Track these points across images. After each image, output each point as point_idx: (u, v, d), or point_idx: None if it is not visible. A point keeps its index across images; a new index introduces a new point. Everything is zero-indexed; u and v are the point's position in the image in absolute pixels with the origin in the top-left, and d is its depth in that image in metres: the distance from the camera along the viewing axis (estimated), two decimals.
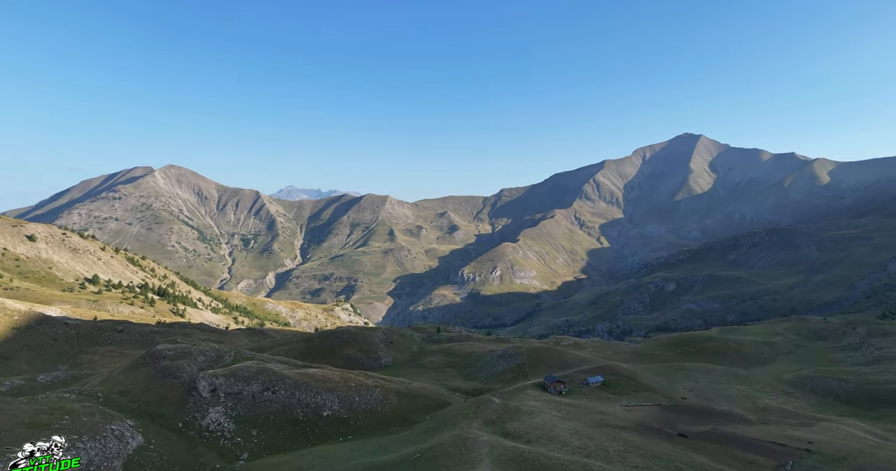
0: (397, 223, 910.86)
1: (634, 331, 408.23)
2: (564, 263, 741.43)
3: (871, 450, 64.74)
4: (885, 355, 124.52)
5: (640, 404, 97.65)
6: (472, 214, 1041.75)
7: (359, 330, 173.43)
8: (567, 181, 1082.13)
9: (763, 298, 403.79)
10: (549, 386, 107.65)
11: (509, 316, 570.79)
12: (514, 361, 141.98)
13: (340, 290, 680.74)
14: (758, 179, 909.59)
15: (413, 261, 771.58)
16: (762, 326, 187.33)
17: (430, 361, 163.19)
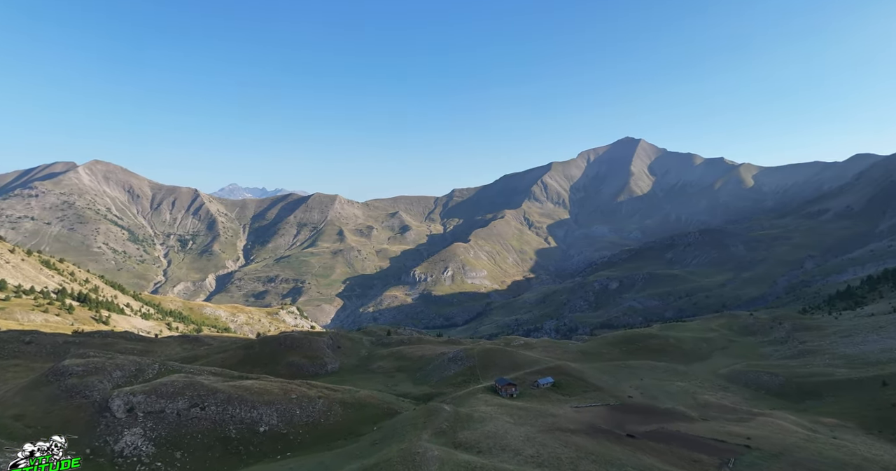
0: (347, 223, 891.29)
1: (580, 328, 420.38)
2: (514, 262, 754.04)
3: (804, 444, 67.19)
4: (807, 348, 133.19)
5: (589, 405, 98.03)
6: (423, 215, 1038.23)
7: (303, 335, 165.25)
8: (516, 182, 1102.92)
9: (697, 295, 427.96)
10: (500, 389, 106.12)
11: (461, 316, 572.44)
12: (465, 363, 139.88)
13: (286, 292, 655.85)
14: (691, 182, 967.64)
15: (363, 262, 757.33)
16: (698, 323, 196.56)
17: (380, 365, 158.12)
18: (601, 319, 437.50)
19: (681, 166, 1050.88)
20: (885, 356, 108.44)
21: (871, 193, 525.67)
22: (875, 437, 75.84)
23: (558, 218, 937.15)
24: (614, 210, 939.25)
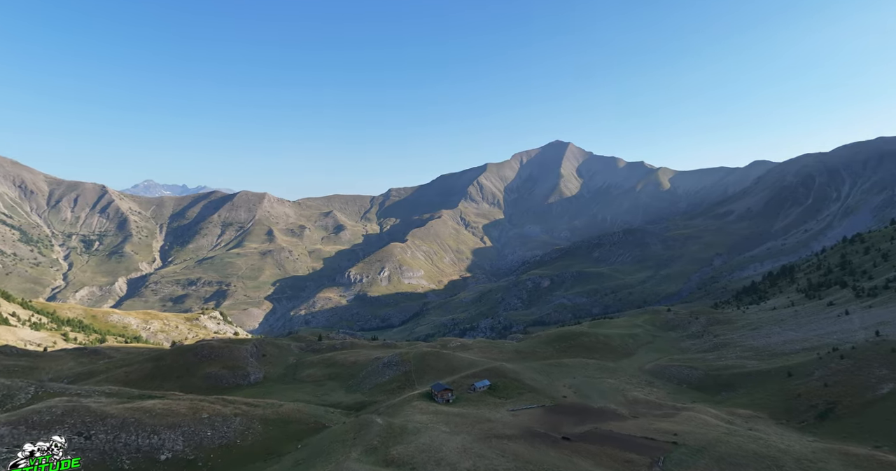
0: (277, 223, 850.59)
1: (514, 326, 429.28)
2: (451, 262, 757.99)
3: (726, 438, 69.57)
4: (721, 341, 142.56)
5: (525, 407, 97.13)
6: (359, 214, 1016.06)
7: (223, 344, 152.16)
8: (453, 182, 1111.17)
9: (622, 292, 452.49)
10: (436, 395, 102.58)
11: (397, 316, 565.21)
12: (400, 369, 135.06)
13: (210, 295, 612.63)
14: (615, 185, 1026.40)
15: (295, 263, 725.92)
16: (624, 319, 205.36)
17: (309, 374, 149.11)
18: (534, 316, 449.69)
19: (606, 169, 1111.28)
20: (787, 348, 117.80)
21: (767, 196, 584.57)
22: (784, 426, 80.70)
23: (493, 218, 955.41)
24: (546, 211, 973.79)
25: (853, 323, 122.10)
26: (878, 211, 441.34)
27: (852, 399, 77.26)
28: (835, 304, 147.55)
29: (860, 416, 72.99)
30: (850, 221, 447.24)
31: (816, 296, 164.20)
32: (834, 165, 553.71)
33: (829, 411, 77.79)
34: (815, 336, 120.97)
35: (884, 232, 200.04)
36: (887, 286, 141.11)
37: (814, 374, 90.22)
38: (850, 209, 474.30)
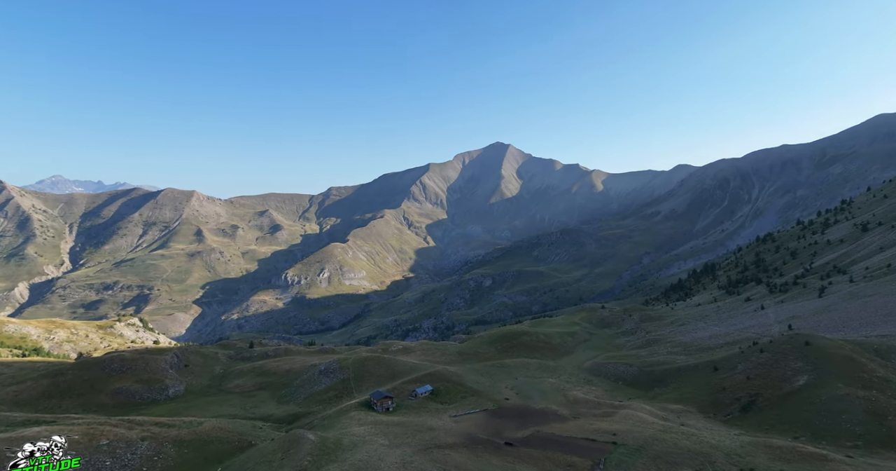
0: (207, 222, 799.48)
1: (457, 326, 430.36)
2: (394, 262, 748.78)
3: (661, 435, 70.71)
4: (653, 337, 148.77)
5: (467, 412, 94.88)
6: (297, 213, 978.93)
7: (138, 354, 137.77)
8: (395, 182, 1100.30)
9: (559, 290, 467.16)
10: (375, 404, 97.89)
11: (337, 319, 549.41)
12: (338, 376, 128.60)
13: (129, 301, 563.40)
14: (553, 186, 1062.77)
15: (227, 264, 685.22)
16: (563, 317, 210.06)
17: (238, 384, 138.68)
18: (476, 315, 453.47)
19: (544, 171, 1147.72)
20: (712, 342, 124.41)
21: (690, 198, 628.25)
22: (711, 420, 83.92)
23: (437, 218, 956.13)
24: (488, 211, 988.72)
25: (768, 317, 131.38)
26: (782, 212, 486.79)
27: (772, 391, 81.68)
28: (752, 299, 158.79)
29: (780, 407, 77.09)
30: (760, 222, 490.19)
31: (735, 292, 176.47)
32: (745, 170, 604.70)
33: (752, 403, 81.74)
34: (736, 330, 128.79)
35: (791, 232, 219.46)
36: (796, 282, 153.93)
37: (737, 368, 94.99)
38: (759, 211, 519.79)
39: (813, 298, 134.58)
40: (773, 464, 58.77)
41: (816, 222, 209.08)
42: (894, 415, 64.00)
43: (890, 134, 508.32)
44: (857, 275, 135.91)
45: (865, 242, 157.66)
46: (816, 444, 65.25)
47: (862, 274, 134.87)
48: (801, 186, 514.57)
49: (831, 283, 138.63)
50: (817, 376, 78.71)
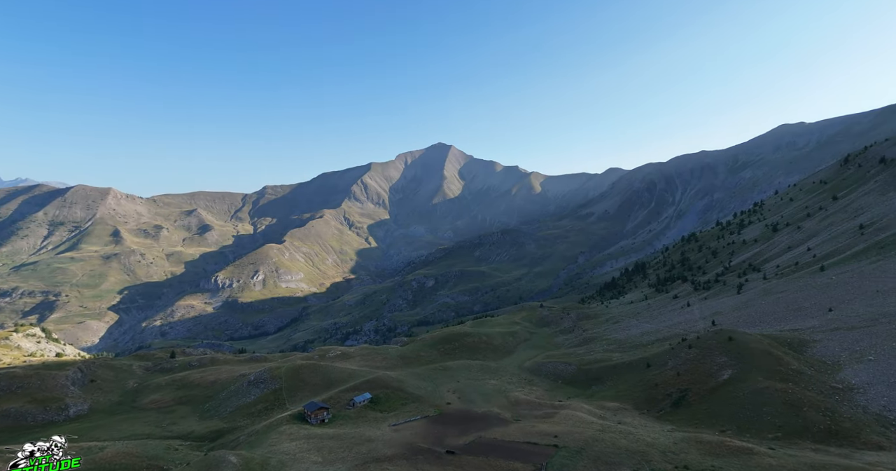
0: (126, 222, 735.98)
1: (399, 327, 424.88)
2: (334, 263, 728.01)
3: (600, 435, 71.08)
4: (590, 335, 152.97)
5: (408, 420, 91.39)
6: (229, 213, 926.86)
7: (32, 370, 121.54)
8: (335, 181, 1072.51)
9: (500, 289, 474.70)
10: (309, 416, 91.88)
11: (273, 323, 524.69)
12: (269, 386, 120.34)
13: (30, 308, 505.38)
14: (494, 187, 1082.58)
15: (149, 267, 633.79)
16: (504, 317, 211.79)
17: (154, 399, 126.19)
18: (419, 316, 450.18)
19: (485, 172, 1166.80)
20: (645, 339, 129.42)
21: (620, 200, 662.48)
22: (646, 416, 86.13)
23: (379, 218, 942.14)
24: (430, 211, 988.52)
25: (694, 314, 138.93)
26: (701, 214, 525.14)
27: (700, 386, 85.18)
28: (679, 297, 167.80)
29: (707, 402, 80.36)
30: (683, 222, 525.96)
31: (664, 290, 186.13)
32: (670, 174, 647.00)
33: (682, 398, 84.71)
34: (666, 327, 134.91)
35: (712, 232, 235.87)
36: (717, 280, 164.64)
37: (668, 364, 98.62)
38: (682, 212, 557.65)
39: (732, 294, 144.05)
40: (704, 459, 60.33)
41: (733, 223, 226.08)
42: (808, 406, 68.16)
43: (790, 143, 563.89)
44: (770, 272, 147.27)
45: (776, 242, 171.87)
46: (742, 437, 68.11)
47: (774, 272, 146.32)
48: (717, 189, 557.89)
49: (748, 280, 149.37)
50: (740, 370, 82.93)
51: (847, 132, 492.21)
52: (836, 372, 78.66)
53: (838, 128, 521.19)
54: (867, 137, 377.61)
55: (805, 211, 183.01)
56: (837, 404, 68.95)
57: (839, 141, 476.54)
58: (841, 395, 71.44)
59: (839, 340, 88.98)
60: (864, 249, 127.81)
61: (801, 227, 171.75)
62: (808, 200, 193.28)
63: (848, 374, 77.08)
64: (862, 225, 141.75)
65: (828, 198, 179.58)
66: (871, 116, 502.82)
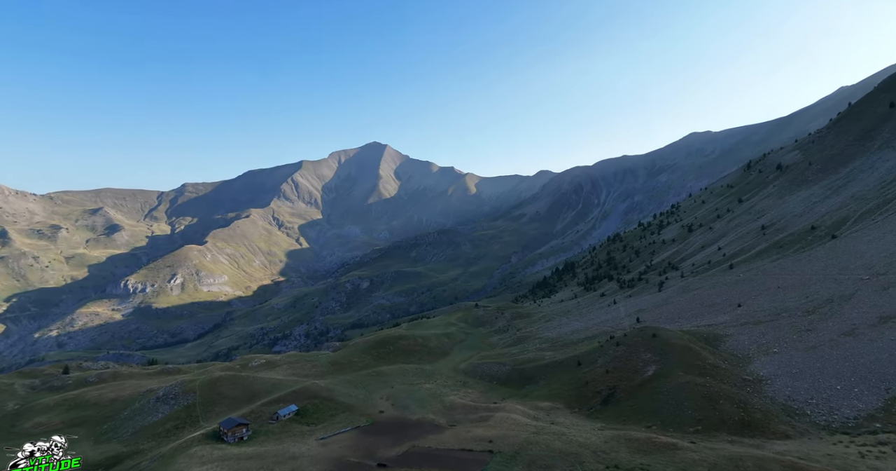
0: (16, 221, 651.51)
1: (331, 330, 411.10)
2: (262, 265, 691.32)
3: (535, 438, 70.46)
4: (523, 335, 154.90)
5: (337, 432, 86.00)
6: (142, 212, 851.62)
7: None
8: (263, 179, 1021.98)
9: (436, 290, 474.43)
10: (226, 434, 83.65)
11: (192, 330, 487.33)
12: (181, 402, 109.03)
13: None
14: (430, 188, 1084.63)
15: (43, 272, 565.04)
16: (440, 318, 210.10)
17: (39, 422, 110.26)
18: (353, 318, 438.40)
19: (421, 173, 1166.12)
20: (575, 337, 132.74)
21: (550, 201, 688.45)
22: (577, 414, 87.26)
23: (311, 218, 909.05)
24: (365, 211, 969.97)
25: (620, 311, 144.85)
26: (623, 215, 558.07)
27: (627, 383, 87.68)
28: (606, 295, 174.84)
29: (634, 398, 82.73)
30: (607, 223, 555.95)
31: (592, 288, 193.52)
32: (595, 177, 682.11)
33: (611, 395, 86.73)
34: (595, 325, 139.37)
35: (634, 232, 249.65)
36: (640, 278, 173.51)
37: (597, 362, 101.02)
38: (606, 213, 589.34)
39: (654, 292, 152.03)
40: (633, 458, 61.14)
41: (653, 224, 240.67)
42: (724, 399, 71.78)
43: (699, 150, 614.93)
44: (687, 271, 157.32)
45: (691, 242, 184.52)
46: (666, 431, 70.24)
47: (690, 270, 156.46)
48: (638, 191, 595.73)
49: (668, 278, 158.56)
50: (663, 366, 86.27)
51: (747, 141, 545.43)
52: (747, 365, 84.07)
53: (740, 137, 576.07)
54: (764, 146, 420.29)
55: (715, 213, 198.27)
56: (749, 395, 73.23)
57: (741, 149, 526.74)
58: (752, 387, 76.13)
59: (748, 334, 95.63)
60: (766, 248, 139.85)
61: (712, 227, 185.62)
62: (718, 202, 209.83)
63: (757, 366, 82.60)
64: (764, 226, 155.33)
65: (734, 200, 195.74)
66: (767, 127, 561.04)
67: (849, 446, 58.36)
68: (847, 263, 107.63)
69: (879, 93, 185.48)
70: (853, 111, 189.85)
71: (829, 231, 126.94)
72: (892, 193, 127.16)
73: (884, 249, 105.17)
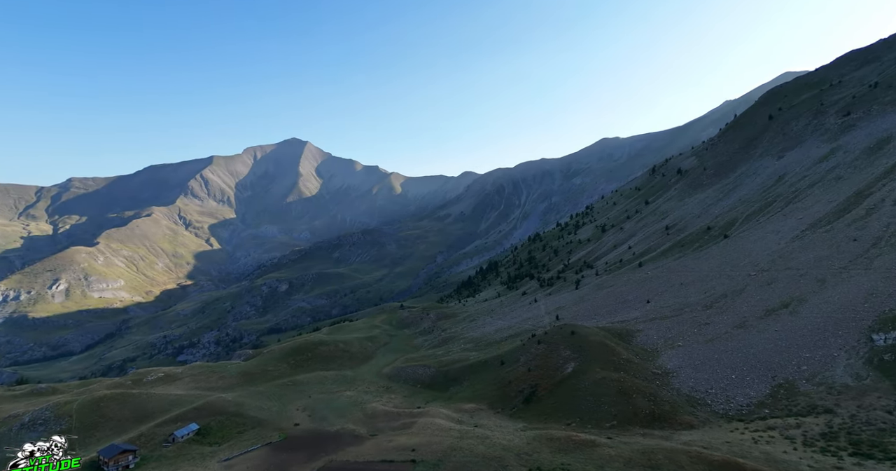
0: None
1: (245, 337, 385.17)
2: (165, 268, 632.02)
3: (458, 443, 68.64)
4: (448, 335, 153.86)
5: (244, 452, 78.17)
6: (16, 209, 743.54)
7: None
8: (167, 174, 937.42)
9: (360, 291, 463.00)
10: (106, 464, 72.65)
11: (80, 341, 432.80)
12: (52, 428, 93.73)
13: None
14: (354, 186, 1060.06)
15: None
16: (364, 321, 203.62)
17: None
18: (270, 323, 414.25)
19: (345, 171, 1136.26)
20: (499, 336, 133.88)
21: (475, 202, 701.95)
22: (500, 415, 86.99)
23: (223, 217, 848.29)
24: (284, 210, 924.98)
25: (540, 309, 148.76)
26: (542, 215, 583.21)
27: (548, 381, 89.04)
28: (527, 293, 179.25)
29: (554, 396, 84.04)
30: (527, 223, 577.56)
31: (515, 287, 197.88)
32: (516, 179, 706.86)
33: (533, 394, 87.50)
34: (517, 323, 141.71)
35: (553, 232, 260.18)
36: (559, 277, 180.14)
37: (520, 360, 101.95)
38: (526, 214, 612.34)
39: (572, 290, 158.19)
40: (555, 457, 61.20)
41: (570, 224, 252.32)
42: (636, 393, 74.80)
43: (609, 155, 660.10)
44: (601, 269, 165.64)
45: (604, 241, 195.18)
46: (584, 428, 71.60)
47: (604, 268, 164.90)
48: (555, 193, 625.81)
49: (584, 276, 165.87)
50: (581, 363, 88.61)
51: (649, 147, 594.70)
52: (656, 359, 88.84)
53: (644, 143, 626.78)
54: (665, 152, 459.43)
55: (625, 214, 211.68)
56: (658, 388, 77.01)
57: (645, 154, 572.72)
58: (660, 380, 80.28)
59: (656, 328, 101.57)
60: (669, 247, 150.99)
61: (623, 228, 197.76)
62: (627, 204, 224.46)
63: (664, 359, 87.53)
64: (668, 226, 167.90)
65: (642, 202, 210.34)
66: (666, 135, 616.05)
67: (744, 432, 62.78)
68: (737, 260, 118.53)
69: (759, 106, 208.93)
70: (738, 122, 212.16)
71: (722, 231, 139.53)
72: (773, 196, 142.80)
73: (766, 248, 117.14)
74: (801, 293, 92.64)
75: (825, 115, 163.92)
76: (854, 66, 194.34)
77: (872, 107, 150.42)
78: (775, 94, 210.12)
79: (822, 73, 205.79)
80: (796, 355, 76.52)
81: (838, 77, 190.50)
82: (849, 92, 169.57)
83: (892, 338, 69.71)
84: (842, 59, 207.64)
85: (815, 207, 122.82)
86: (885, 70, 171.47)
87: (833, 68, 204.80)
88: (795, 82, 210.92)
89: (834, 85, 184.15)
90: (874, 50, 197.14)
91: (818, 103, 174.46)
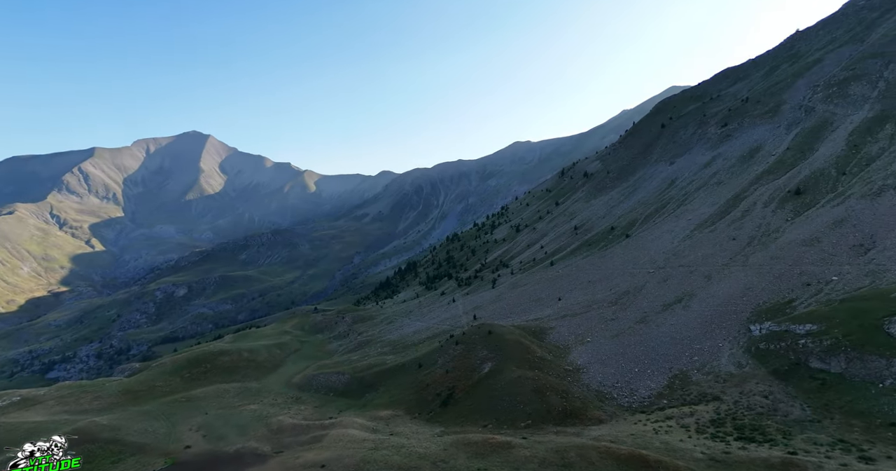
0: None
1: (135, 347, 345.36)
2: (33, 273, 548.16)
3: (372, 455, 64.80)
4: (364, 339, 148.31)
5: None
6: None
7: None
8: (36, 167, 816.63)
9: (270, 295, 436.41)
10: None
11: None
12: None
13: None
14: (263, 184, 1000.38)
15: None
16: (273, 326, 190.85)
17: None
18: (164, 332, 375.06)
19: (253, 167, 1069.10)
20: (417, 337, 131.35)
21: (393, 201, 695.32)
22: (417, 420, 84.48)
23: (107, 216, 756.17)
24: (183, 209, 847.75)
25: (458, 309, 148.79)
26: (460, 216, 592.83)
27: (465, 382, 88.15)
28: (445, 293, 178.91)
29: (471, 397, 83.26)
30: (445, 223, 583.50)
31: (433, 287, 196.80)
32: (434, 179, 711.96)
33: (450, 396, 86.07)
34: (436, 324, 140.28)
35: (470, 232, 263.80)
36: (476, 276, 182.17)
37: (437, 362, 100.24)
38: (444, 214, 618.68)
39: (488, 289, 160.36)
40: (471, 463, 59.75)
41: (487, 225, 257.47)
42: (550, 390, 76.14)
43: (522, 158, 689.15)
44: (516, 268, 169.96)
45: (519, 241, 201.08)
46: (501, 429, 71.29)
47: (518, 267, 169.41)
48: (471, 194, 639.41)
49: (500, 275, 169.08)
50: (498, 362, 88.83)
51: (558, 151, 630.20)
52: (567, 355, 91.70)
53: (553, 147, 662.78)
54: (571, 156, 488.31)
55: (538, 214, 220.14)
56: (570, 385, 79.14)
57: (554, 158, 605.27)
58: (572, 376, 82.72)
59: (567, 325, 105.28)
60: (578, 246, 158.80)
61: (535, 228, 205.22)
62: (539, 205, 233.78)
63: (575, 356, 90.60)
64: (576, 226, 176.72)
65: (552, 203, 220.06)
66: (573, 140, 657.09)
67: (646, 424, 66.04)
68: (638, 258, 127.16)
69: (653, 115, 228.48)
70: (636, 129, 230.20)
71: (624, 231, 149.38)
72: (667, 198, 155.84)
73: (662, 247, 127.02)
74: (692, 289, 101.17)
75: (707, 126, 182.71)
76: (729, 82, 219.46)
77: (745, 119, 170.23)
78: (666, 104, 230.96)
79: (703, 88, 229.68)
80: (689, 346, 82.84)
81: (717, 91, 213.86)
82: (725, 105, 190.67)
83: (765, 328, 77.76)
84: (719, 76, 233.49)
85: (702, 209, 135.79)
86: (754, 86, 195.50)
87: (712, 84, 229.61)
88: (682, 95, 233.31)
89: (714, 98, 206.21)
90: (745, 68, 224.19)
91: (701, 114, 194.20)
